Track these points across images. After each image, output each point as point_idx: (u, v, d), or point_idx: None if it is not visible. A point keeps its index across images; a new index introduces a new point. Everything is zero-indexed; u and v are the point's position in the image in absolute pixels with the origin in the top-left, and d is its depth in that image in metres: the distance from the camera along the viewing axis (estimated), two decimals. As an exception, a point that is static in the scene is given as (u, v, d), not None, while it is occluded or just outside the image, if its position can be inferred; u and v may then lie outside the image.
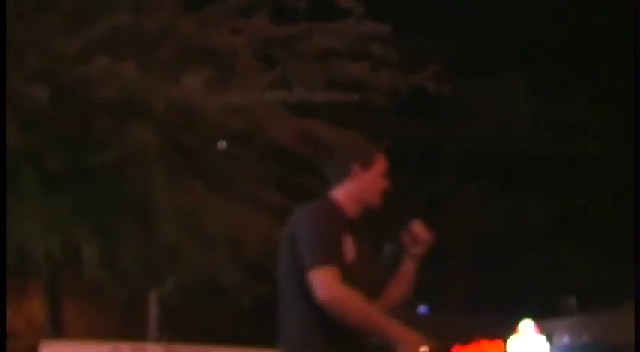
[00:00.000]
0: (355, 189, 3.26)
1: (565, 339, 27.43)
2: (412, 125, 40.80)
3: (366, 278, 3.13)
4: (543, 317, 28.61)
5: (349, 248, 3.11)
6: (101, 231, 7.97)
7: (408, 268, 3.26)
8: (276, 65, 8.49)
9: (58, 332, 9.80)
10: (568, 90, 40.16)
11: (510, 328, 28.44)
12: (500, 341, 28.92)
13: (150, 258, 8.40)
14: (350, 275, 3.05)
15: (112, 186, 7.74)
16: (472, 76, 42.77)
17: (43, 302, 10.40)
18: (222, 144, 8.96)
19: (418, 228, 3.25)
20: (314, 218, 3.10)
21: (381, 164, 3.28)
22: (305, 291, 3.07)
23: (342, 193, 3.24)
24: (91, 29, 7.14)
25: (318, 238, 3.07)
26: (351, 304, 3.02)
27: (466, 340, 30.46)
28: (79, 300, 13.86)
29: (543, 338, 27.74)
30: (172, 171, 7.84)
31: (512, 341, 28.27)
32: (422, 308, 35.66)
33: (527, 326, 28.10)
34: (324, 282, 3.00)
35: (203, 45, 7.92)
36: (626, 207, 31.10)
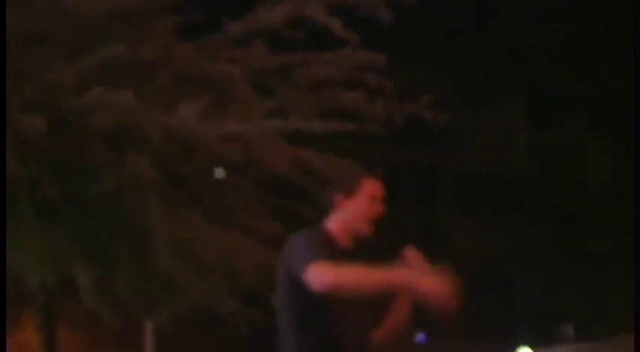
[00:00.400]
0: (343, 218, 3.23)
1: (563, 367, 27.28)
2: (408, 153, 41.09)
3: (359, 307, 3.09)
4: (541, 346, 28.53)
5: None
6: (97, 260, 7.96)
7: (405, 297, 3.18)
8: (272, 94, 8.54)
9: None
10: (565, 116, 40.39)
11: (508, 356, 28.38)
12: (499, 369, 28.84)
13: (145, 288, 8.38)
14: (332, 302, 2.99)
15: (107, 215, 7.73)
16: (468, 104, 43.21)
17: (38, 332, 10.34)
18: (220, 173, 8.99)
19: (411, 255, 3.17)
20: (305, 241, 3.07)
21: (367, 190, 3.24)
22: (302, 320, 3.06)
23: (332, 223, 3.24)
24: (87, 59, 7.17)
25: (308, 252, 3.01)
26: (343, 276, 2.91)
27: (464, 368, 30.32)
28: (75, 330, 13.78)
29: (541, 366, 27.65)
30: (168, 200, 7.84)
31: (510, 370, 28.17)
32: (419, 337, 35.54)
33: (524, 355, 28.03)
34: (315, 274, 2.91)
35: (199, 74, 7.95)
36: (626, 235, 31.12)
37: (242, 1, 8.56)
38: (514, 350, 28.58)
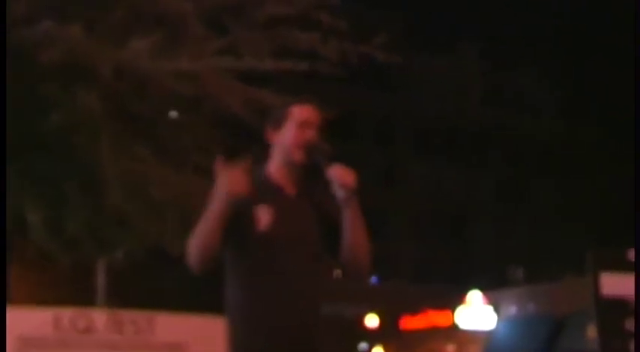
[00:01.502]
0: (276, 153, 3.23)
1: (512, 310, 28.03)
2: (363, 95, 40.98)
3: (294, 240, 3.10)
4: (491, 288, 29.19)
5: (263, 216, 3.09)
6: (47, 197, 7.93)
7: (345, 216, 3.14)
8: (225, 33, 8.48)
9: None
10: (521, 64, 40.68)
11: (458, 299, 28.97)
12: (449, 312, 29.46)
13: (97, 226, 8.38)
14: (265, 243, 3.05)
15: (58, 152, 7.68)
16: (425, 47, 43.15)
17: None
18: (172, 114, 8.96)
19: (336, 172, 3.10)
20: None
21: (295, 116, 3.19)
22: (233, 259, 3.12)
23: (270, 162, 3.26)
24: (36, -8, 7.06)
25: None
26: (193, 239, 3.05)
27: (414, 310, 30.96)
28: (25, 268, 13.75)
29: (491, 308, 28.32)
30: (120, 137, 7.81)
31: (460, 312, 28.81)
32: (371, 278, 36.19)
33: (475, 297, 28.62)
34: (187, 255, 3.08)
35: (152, 10, 7.87)
36: (576, 180, 31.86)
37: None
38: (465, 293, 29.23)
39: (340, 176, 3.09)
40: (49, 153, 7.76)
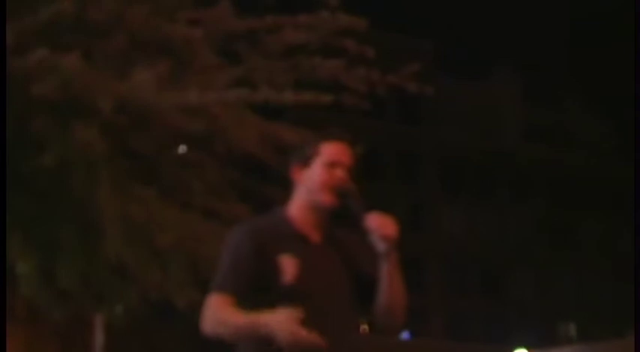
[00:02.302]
0: (301, 194, 3.20)
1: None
2: (387, 128, 40.92)
3: (323, 294, 3.08)
4: (538, 347, 28.67)
5: (289, 267, 3.08)
6: (39, 244, 7.86)
7: (383, 270, 3.13)
8: (239, 62, 8.46)
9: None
10: (561, 95, 40.56)
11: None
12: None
13: (94, 276, 8.30)
14: (292, 296, 3.02)
15: (52, 193, 7.63)
16: (458, 76, 43.16)
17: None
18: (182, 149, 8.95)
19: (376, 222, 3.10)
20: (233, 237, 3.13)
21: (325, 154, 3.18)
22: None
23: (293, 203, 3.22)
24: (29, 18, 7.05)
25: (225, 262, 3.11)
26: (217, 327, 3.04)
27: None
28: (13, 324, 13.66)
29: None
30: (120, 177, 7.76)
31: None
32: (404, 334, 35.62)
33: (522, 358, 28.06)
34: (204, 310, 3.08)
35: (156, 37, 7.86)
36: (628, 221, 31.53)
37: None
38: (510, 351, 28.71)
39: (381, 226, 3.09)
40: (41, 195, 7.70)
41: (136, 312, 8.96)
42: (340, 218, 3.24)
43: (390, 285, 3.13)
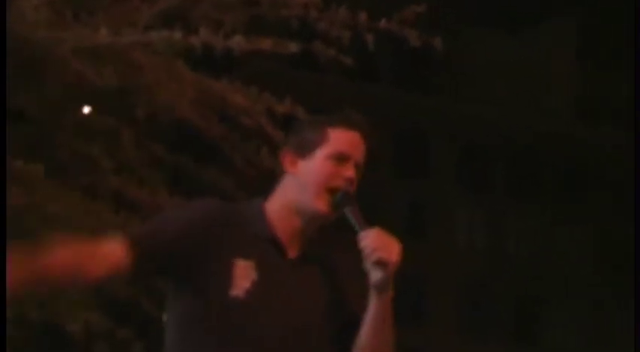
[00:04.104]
0: (289, 190, 3.32)
1: None
2: (388, 96, 40.71)
3: (283, 325, 3.19)
4: None
5: (242, 278, 3.19)
6: None
7: (371, 308, 3.23)
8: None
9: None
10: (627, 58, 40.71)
11: None
12: None
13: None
14: (232, 320, 3.15)
15: None
16: (488, 26, 43.17)
17: None
18: (86, 110, 8.96)
19: (375, 241, 3.21)
20: (189, 207, 3.29)
21: (334, 144, 3.30)
22: (188, 325, 3.22)
23: (275, 198, 3.34)
24: None
25: (156, 221, 3.31)
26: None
27: None
28: None
29: None
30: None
31: None
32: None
33: None
34: None
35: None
36: None
37: None
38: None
39: (380, 248, 3.19)
40: None
41: (10, 339, 8.95)
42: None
43: (375, 330, 3.23)
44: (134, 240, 3.14)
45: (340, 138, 3.30)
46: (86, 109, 9.05)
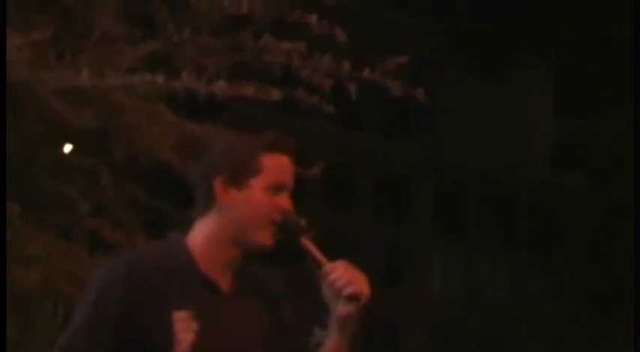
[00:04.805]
0: (223, 223, 3.22)
1: None
2: (369, 142, 40.88)
3: None
4: None
5: (184, 331, 3.10)
6: None
7: (332, 341, 3.17)
8: (155, 34, 8.40)
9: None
10: (606, 99, 40.81)
11: None
12: None
13: None
14: None
15: None
16: (467, 74, 43.39)
17: None
18: (67, 148, 8.92)
19: (340, 275, 3.13)
20: (100, 278, 3.16)
21: (266, 172, 3.21)
22: None
23: (200, 231, 3.22)
24: None
25: (82, 314, 3.13)
26: None
27: None
28: None
29: None
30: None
31: None
32: None
33: None
34: None
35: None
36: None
37: None
38: None
39: (352, 281, 3.11)
40: None
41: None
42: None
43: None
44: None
45: (274, 167, 3.21)
46: (67, 148, 9.01)
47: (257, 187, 3.19)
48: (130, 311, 3.08)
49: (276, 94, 8.12)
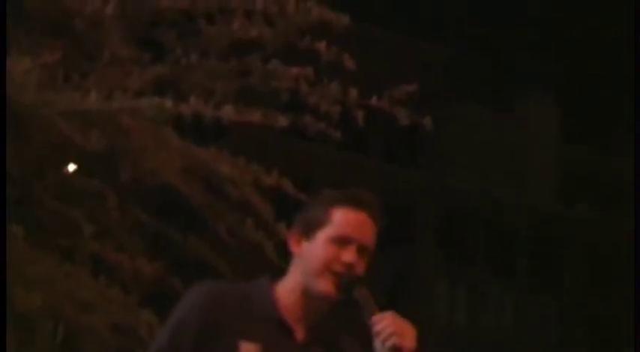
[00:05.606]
0: (296, 272, 3.33)
1: None
2: (374, 168, 40.85)
3: None
4: None
5: None
6: None
7: None
8: (163, 57, 8.39)
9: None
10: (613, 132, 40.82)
11: None
12: None
13: None
14: None
15: None
16: (473, 102, 43.39)
17: None
18: (70, 168, 8.91)
19: (389, 326, 3.19)
20: (185, 300, 3.26)
21: (335, 225, 3.27)
22: None
23: (285, 281, 3.33)
24: None
25: (164, 333, 3.26)
26: None
27: None
28: None
29: None
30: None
31: None
32: None
33: None
34: None
35: (50, 11, 7.79)
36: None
37: None
38: None
39: (397, 333, 3.17)
40: None
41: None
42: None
43: None
44: None
45: (343, 220, 3.27)
46: (71, 167, 9.01)
47: (321, 238, 3.27)
48: (200, 335, 3.18)
49: (283, 120, 8.10)
